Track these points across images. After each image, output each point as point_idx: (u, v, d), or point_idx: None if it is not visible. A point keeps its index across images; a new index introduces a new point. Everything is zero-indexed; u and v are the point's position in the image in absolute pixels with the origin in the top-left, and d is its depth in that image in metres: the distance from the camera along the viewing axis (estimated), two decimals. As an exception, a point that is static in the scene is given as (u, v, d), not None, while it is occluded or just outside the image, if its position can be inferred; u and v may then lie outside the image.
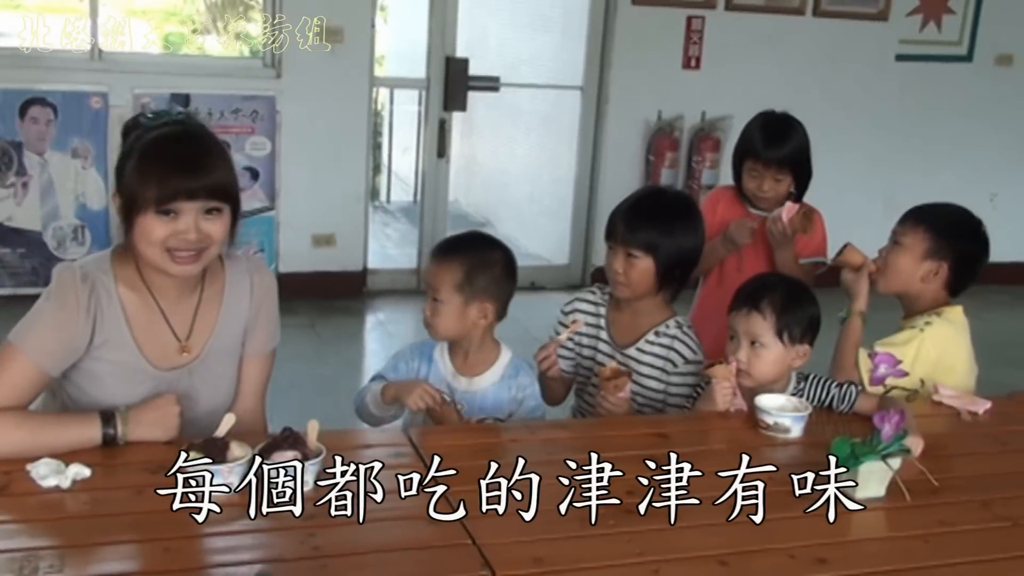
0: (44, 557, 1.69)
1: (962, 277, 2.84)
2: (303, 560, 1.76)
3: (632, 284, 2.70)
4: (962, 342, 2.84)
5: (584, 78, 6.57)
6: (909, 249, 2.83)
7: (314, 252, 6.02)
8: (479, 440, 2.37)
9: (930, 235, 2.82)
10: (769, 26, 6.53)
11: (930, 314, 2.81)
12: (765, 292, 2.54)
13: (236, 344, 2.34)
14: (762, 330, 2.50)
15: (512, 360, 2.58)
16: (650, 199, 2.90)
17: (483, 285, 2.48)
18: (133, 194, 2.08)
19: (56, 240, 5.57)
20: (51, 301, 2.13)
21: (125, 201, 2.10)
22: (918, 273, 2.82)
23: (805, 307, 2.55)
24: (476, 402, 2.53)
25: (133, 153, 2.11)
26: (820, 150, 3.47)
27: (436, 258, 2.55)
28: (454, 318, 2.49)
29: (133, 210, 2.08)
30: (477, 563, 1.77)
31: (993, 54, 7.07)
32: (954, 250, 2.81)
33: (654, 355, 2.73)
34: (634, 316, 2.77)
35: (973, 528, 2.04)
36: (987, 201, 7.04)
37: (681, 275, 2.75)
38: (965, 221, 2.88)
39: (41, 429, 2.05)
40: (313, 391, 4.65)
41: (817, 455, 2.18)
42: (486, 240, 2.67)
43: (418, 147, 7.05)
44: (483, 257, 2.52)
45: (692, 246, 2.75)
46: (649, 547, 1.86)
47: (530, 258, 7.21)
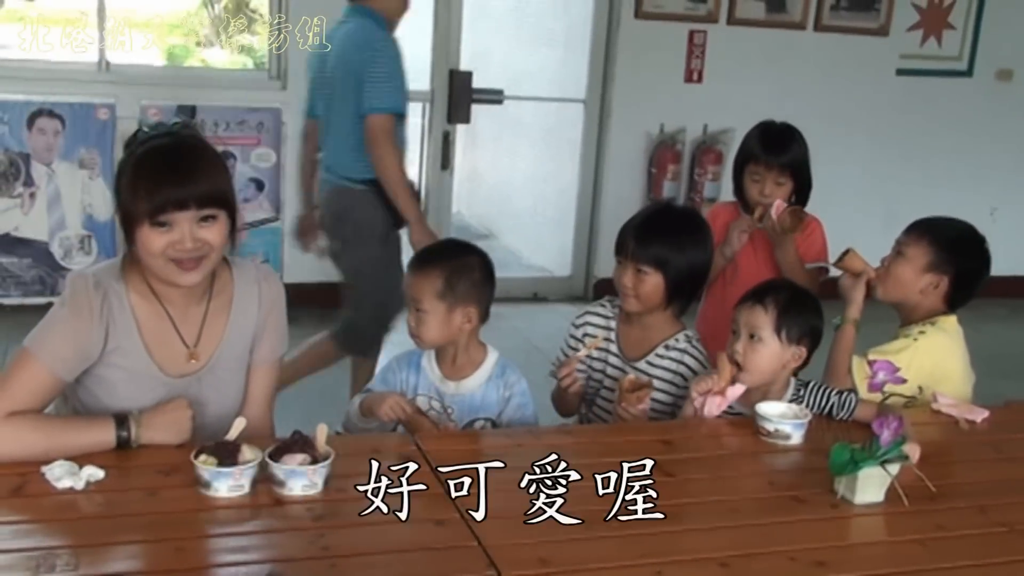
0: (60, 555, 1.73)
1: (961, 292, 2.88)
2: (312, 560, 1.79)
3: (642, 299, 2.74)
4: (956, 351, 2.88)
5: (587, 91, 6.61)
6: (911, 260, 2.87)
7: (319, 263, 6.04)
8: (484, 444, 2.41)
9: (933, 248, 2.86)
10: (770, 40, 6.58)
11: (924, 323, 2.85)
12: (771, 290, 2.60)
13: (244, 352, 2.37)
14: (762, 323, 2.54)
15: (498, 360, 2.62)
16: (660, 215, 2.95)
17: (464, 290, 2.52)
18: (128, 208, 2.12)
19: (63, 250, 5.61)
20: (65, 308, 2.17)
21: (123, 215, 2.14)
22: (918, 285, 2.86)
23: (807, 313, 2.59)
24: (466, 404, 2.58)
25: (127, 167, 2.15)
26: (821, 163, 3.51)
27: (414, 269, 2.59)
28: (439, 326, 2.52)
29: (130, 223, 2.12)
30: (483, 564, 1.80)
31: (993, 69, 7.11)
32: (956, 265, 2.85)
33: (664, 368, 2.76)
34: (644, 330, 2.81)
35: (970, 533, 2.08)
36: (987, 215, 7.05)
37: (691, 290, 2.79)
38: (969, 238, 2.92)
39: (57, 432, 2.09)
40: (317, 400, 4.67)
41: (817, 461, 2.22)
42: (461, 246, 2.71)
43: (422, 159, 7.08)
44: (461, 263, 2.56)
45: (701, 261, 2.80)
46: (652, 549, 1.89)
47: (533, 270, 7.25)
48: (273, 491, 1.98)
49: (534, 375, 2.74)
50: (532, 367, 2.74)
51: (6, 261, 5.56)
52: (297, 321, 6.09)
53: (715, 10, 6.43)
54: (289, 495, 1.98)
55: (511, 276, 6.72)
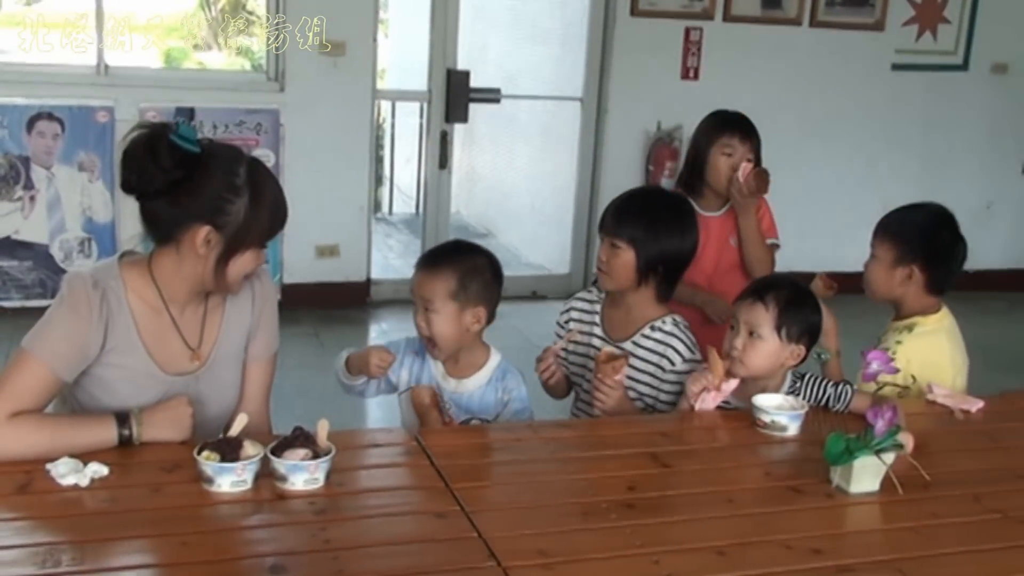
0: (65, 551, 1.75)
1: (939, 273, 2.88)
2: (315, 553, 1.81)
3: (612, 274, 2.76)
4: (941, 349, 2.88)
5: (584, 89, 6.64)
6: (881, 260, 2.91)
7: (318, 263, 6.08)
8: (484, 439, 2.43)
9: (895, 243, 2.88)
10: (766, 37, 6.61)
11: (901, 330, 2.87)
12: (772, 288, 2.61)
13: (240, 349, 2.40)
14: (762, 321, 2.56)
15: (500, 363, 2.63)
16: (642, 196, 3.03)
17: (476, 291, 2.54)
18: (247, 232, 2.18)
19: (63, 252, 5.63)
20: (63, 307, 2.18)
21: (231, 237, 2.17)
22: (894, 281, 2.89)
23: (807, 312, 2.61)
24: (463, 403, 2.59)
25: (255, 196, 2.17)
26: (817, 158, 3.55)
27: (425, 268, 2.59)
28: (450, 326, 2.53)
29: (240, 246, 2.19)
30: (483, 555, 1.82)
31: (989, 63, 7.14)
32: (920, 252, 2.86)
33: (649, 350, 2.76)
34: (627, 311, 2.81)
35: (964, 520, 2.10)
36: (984, 209, 7.10)
37: (666, 273, 2.77)
38: (928, 221, 2.93)
39: (59, 431, 2.11)
40: (318, 399, 4.69)
41: (813, 452, 2.25)
42: (470, 247, 2.72)
43: (420, 159, 7.12)
44: (473, 263, 2.58)
45: (676, 246, 2.78)
46: (649, 539, 1.91)
47: (531, 268, 7.27)
48: (275, 486, 2.00)
49: (532, 373, 2.75)
50: (531, 365, 2.76)
51: (6, 264, 5.59)
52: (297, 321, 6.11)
53: (711, 7, 6.47)
54: (291, 490, 2.00)
55: (510, 274, 6.65)
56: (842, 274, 3.18)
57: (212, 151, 2.18)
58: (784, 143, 6.30)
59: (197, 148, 2.14)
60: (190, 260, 2.19)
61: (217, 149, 2.21)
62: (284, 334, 2.51)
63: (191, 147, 2.13)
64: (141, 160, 2.11)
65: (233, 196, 2.15)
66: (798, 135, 6.68)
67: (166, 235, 2.19)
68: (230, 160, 2.19)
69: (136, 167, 2.12)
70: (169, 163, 2.10)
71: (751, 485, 2.23)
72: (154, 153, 2.10)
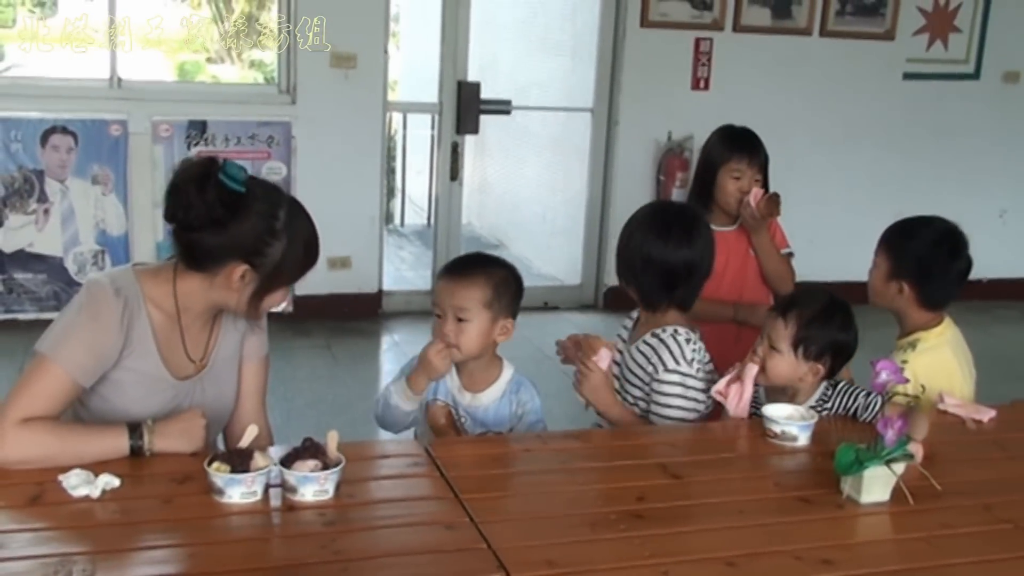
0: (77, 562, 1.76)
1: (930, 291, 2.85)
2: (324, 564, 1.81)
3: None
4: (947, 363, 2.87)
5: (594, 100, 6.65)
6: (879, 270, 2.92)
7: (330, 275, 6.09)
8: (493, 450, 2.43)
9: (889, 256, 2.89)
10: (777, 47, 6.62)
11: (906, 348, 2.86)
12: (796, 305, 2.63)
13: (236, 351, 2.45)
14: (780, 337, 2.59)
15: (514, 376, 2.63)
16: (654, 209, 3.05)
17: (507, 302, 2.56)
18: (282, 273, 2.25)
19: (77, 265, 5.66)
20: (84, 315, 2.20)
21: (267, 277, 2.23)
22: (889, 293, 2.89)
23: (832, 329, 2.61)
24: (479, 417, 2.60)
25: (279, 237, 2.22)
26: (828, 167, 3.55)
27: (457, 276, 2.56)
28: (481, 335, 2.52)
29: (274, 285, 2.26)
30: (492, 566, 1.82)
31: (1000, 71, 7.13)
32: (908, 269, 2.85)
33: (644, 355, 2.73)
34: (650, 319, 2.80)
35: (975, 530, 2.09)
36: (996, 218, 7.09)
37: (675, 285, 2.73)
38: (925, 239, 2.88)
39: (71, 438, 2.12)
40: (329, 411, 4.72)
41: (823, 462, 2.25)
42: (496, 259, 2.73)
43: (431, 170, 7.13)
44: (504, 274, 2.60)
45: (683, 259, 2.74)
46: (658, 549, 1.91)
47: (543, 279, 7.27)
48: (285, 497, 2.01)
49: (545, 384, 2.76)
50: (543, 376, 2.76)
51: (21, 277, 5.62)
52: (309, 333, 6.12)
53: (720, 18, 6.47)
54: (301, 501, 2.00)
55: (521, 285, 6.74)
56: (854, 284, 3.18)
57: (255, 192, 2.21)
58: (795, 153, 6.31)
59: (243, 188, 2.17)
60: (221, 290, 2.25)
61: (260, 191, 2.24)
62: (296, 346, 2.54)
63: (237, 187, 2.17)
64: (188, 195, 2.15)
65: (272, 239, 2.21)
66: (809, 145, 6.68)
67: (201, 265, 2.24)
68: (272, 203, 2.23)
69: (183, 201, 2.16)
70: (215, 201, 2.14)
71: (761, 495, 2.23)
72: (202, 190, 2.14)
